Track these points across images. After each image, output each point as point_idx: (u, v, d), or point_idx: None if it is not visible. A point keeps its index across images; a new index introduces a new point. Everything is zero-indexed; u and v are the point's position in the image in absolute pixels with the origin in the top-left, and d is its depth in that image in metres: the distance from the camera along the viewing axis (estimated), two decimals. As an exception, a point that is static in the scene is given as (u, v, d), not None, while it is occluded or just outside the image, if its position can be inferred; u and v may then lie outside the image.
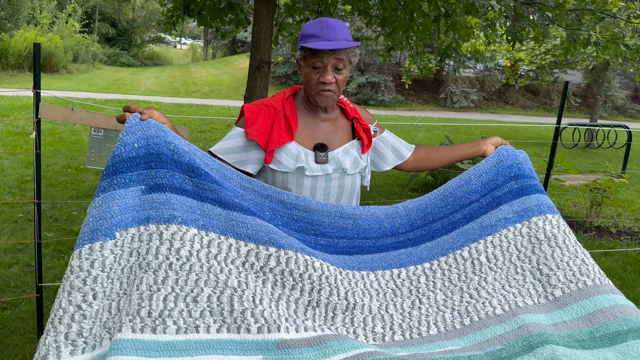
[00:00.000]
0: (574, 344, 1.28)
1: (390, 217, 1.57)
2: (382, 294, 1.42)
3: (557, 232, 1.54)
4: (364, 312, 1.35)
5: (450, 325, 1.37)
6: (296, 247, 1.35)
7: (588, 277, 1.45)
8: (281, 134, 1.55)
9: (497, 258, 1.52)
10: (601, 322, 1.33)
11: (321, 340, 1.21)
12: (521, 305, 1.41)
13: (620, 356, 1.24)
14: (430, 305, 1.42)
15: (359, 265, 1.47)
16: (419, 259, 1.53)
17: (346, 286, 1.37)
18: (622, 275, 4.06)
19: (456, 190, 1.63)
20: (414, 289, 1.46)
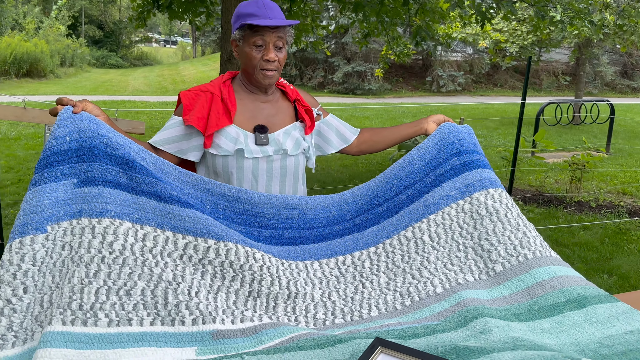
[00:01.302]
0: (511, 317, 1.29)
1: (338, 205, 1.58)
2: (325, 282, 1.43)
3: (498, 206, 1.55)
4: (305, 301, 1.37)
5: (392, 306, 1.39)
6: (237, 239, 1.35)
7: (529, 250, 1.47)
8: (219, 118, 1.56)
9: (439, 236, 1.53)
10: (540, 295, 1.35)
11: (257, 330, 1.23)
12: (462, 283, 1.42)
13: (556, 326, 1.27)
14: (373, 289, 1.43)
15: (303, 255, 1.48)
16: (365, 243, 1.54)
17: (288, 276, 1.38)
18: (599, 248, 4.09)
19: (400, 172, 1.64)
20: (358, 274, 1.47)
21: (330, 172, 6.52)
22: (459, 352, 1.01)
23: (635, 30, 8.07)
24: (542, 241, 1.53)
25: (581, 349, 1.17)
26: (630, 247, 4.12)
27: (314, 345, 1.12)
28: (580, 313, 1.30)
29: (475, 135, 1.72)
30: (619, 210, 5.10)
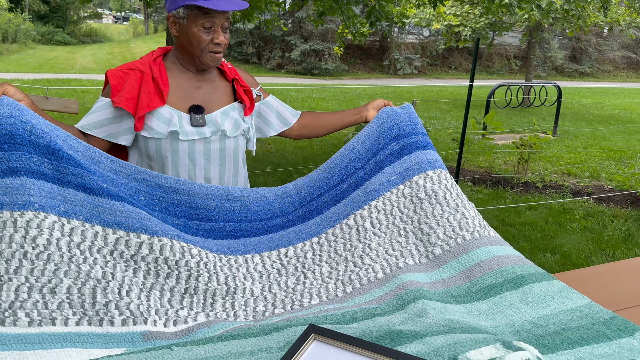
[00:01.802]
0: (450, 300, 1.30)
1: (281, 198, 1.55)
2: (265, 275, 1.40)
3: (437, 188, 1.55)
4: (245, 295, 1.33)
5: (333, 294, 1.37)
6: (172, 234, 1.29)
7: (467, 231, 1.48)
8: (151, 98, 1.48)
9: (381, 222, 1.52)
10: (477, 277, 1.36)
11: (190, 331, 1.19)
12: (402, 267, 1.42)
13: (493, 307, 1.28)
14: (315, 279, 1.41)
15: (244, 249, 1.44)
16: (308, 234, 1.52)
17: (226, 272, 1.34)
18: (543, 227, 4.23)
19: (341, 160, 1.62)
20: (300, 265, 1.44)
21: (285, 154, 6.47)
22: (392, 337, 0.99)
23: (582, 15, 8.31)
24: (480, 221, 1.55)
25: (516, 330, 1.19)
26: (572, 226, 4.27)
27: (249, 334, 1.09)
28: (517, 293, 1.31)
29: (416, 114, 1.71)
30: (563, 190, 5.28)
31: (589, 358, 1.09)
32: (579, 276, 1.54)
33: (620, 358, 1.10)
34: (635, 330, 1.20)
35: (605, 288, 1.46)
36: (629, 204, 4.95)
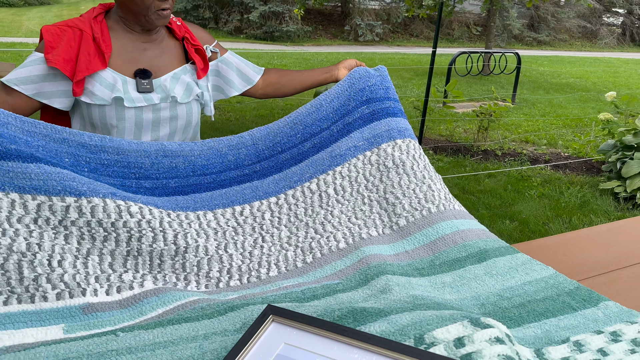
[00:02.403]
0: (414, 272, 1.26)
1: (235, 149, 1.43)
2: (220, 232, 1.29)
3: (405, 158, 1.50)
4: (198, 254, 1.22)
5: (292, 264, 1.30)
6: (104, 193, 1.16)
7: (432, 204, 1.44)
8: (90, 60, 1.34)
9: (345, 189, 1.45)
10: (442, 250, 1.32)
11: (137, 300, 1.09)
12: (365, 238, 1.36)
13: (457, 279, 1.24)
14: (274, 244, 1.33)
15: (195, 205, 1.32)
16: (265, 193, 1.42)
17: (176, 228, 1.22)
18: (502, 195, 4.28)
19: (306, 118, 1.52)
20: (258, 226, 1.35)
21: (245, 122, 6.31)
22: (356, 316, 0.94)
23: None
24: (447, 194, 1.51)
25: (481, 303, 1.15)
26: (530, 193, 4.34)
27: (202, 316, 1.01)
28: (481, 267, 1.28)
29: (389, 77, 1.63)
30: (521, 158, 5.35)
31: (555, 330, 1.07)
32: (541, 245, 1.52)
33: (586, 329, 1.08)
34: (600, 301, 1.18)
35: (568, 257, 1.45)
36: (584, 170, 5.07)
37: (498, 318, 1.10)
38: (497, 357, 0.79)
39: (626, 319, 1.12)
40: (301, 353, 0.84)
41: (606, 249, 1.50)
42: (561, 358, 0.98)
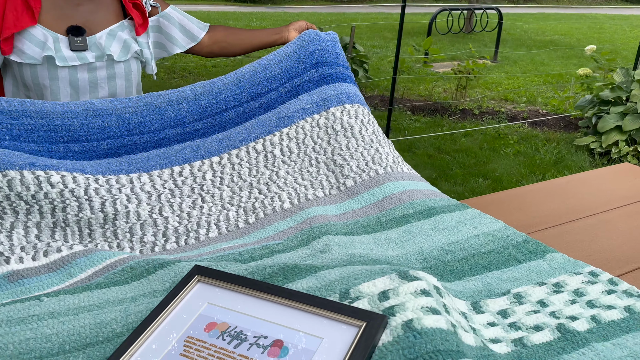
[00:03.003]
0: (359, 230, 1.23)
1: (175, 105, 1.36)
2: (155, 196, 1.23)
3: (353, 122, 1.47)
4: (129, 220, 1.17)
5: (234, 224, 1.26)
6: (20, 165, 1.09)
7: (380, 166, 1.42)
8: (18, 17, 1.26)
9: (291, 151, 1.41)
10: (389, 208, 1.31)
11: (65, 262, 1.05)
12: (311, 198, 1.33)
13: (402, 235, 1.22)
14: (214, 204, 1.27)
15: (128, 168, 1.26)
16: (207, 152, 1.36)
17: (103, 195, 1.16)
18: (478, 154, 4.26)
19: (254, 77, 1.47)
20: (197, 187, 1.29)
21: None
22: (286, 274, 0.91)
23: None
24: (395, 158, 1.49)
25: (424, 257, 1.14)
26: (506, 151, 4.33)
27: (131, 277, 0.98)
28: (428, 222, 1.26)
29: (340, 44, 1.59)
30: (499, 116, 5.32)
31: (496, 282, 1.06)
32: (495, 200, 1.50)
33: (529, 281, 1.07)
34: (547, 252, 1.17)
35: (521, 211, 1.43)
36: (562, 127, 5.06)
37: (440, 272, 1.08)
38: (421, 310, 0.77)
39: (571, 270, 1.11)
40: (224, 312, 0.81)
41: (562, 201, 1.49)
42: (499, 310, 0.97)
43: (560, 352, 0.86)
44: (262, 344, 0.75)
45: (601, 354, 0.85)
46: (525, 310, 0.97)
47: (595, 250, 1.23)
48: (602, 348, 0.86)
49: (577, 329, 0.90)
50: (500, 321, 0.93)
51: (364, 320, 0.75)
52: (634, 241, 1.27)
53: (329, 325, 0.76)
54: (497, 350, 0.85)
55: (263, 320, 0.79)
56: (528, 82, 6.96)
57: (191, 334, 0.78)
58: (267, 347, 0.74)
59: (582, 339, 0.88)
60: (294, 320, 0.78)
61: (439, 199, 1.36)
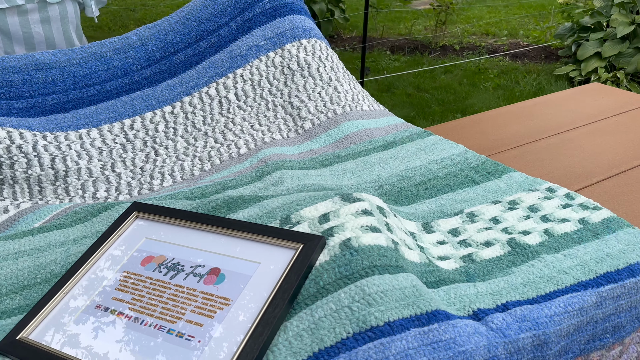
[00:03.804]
0: (315, 164, 1.20)
1: (121, 52, 1.30)
2: (106, 152, 1.19)
3: (310, 59, 1.41)
4: (81, 177, 1.13)
5: (189, 173, 1.21)
6: None
7: (338, 105, 1.37)
8: None
9: (247, 94, 1.35)
10: (348, 146, 1.28)
11: (12, 222, 1.02)
12: (268, 142, 1.29)
13: (360, 165, 1.20)
14: (169, 156, 1.23)
15: (77, 123, 1.21)
16: (159, 102, 1.30)
17: (53, 152, 1.12)
18: (457, 89, 4.20)
19: (201, 12, 1.40)
20: (150, 140, 1.24)
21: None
22: (230, 205, 0.89)
23: None
24: (355, 95, 1.44)
25: (380, 184, 1.11)
26: (485, 86, 4.27)
27: (75, 221, 0.95)
28: (387, 152, 1.24)
29: None
30: (480, 51, 5.22)
31: (450, 204, 1.04)
32: (458, 125, 1.47)
33: (483, 200, 1.05)
34: (505, 172, 1.15)
35: (484, 134, 1.40)
36: (542, 58, 4.98)
37: (394, 197, 1.06)
38: (360, 229, 0.75)
39: (528, 187, 1.09)
40: (161, 245, 0.79)
41: (525, 123, 1.46)
42: (449, 229, 0.95)
43: (509, 265, 0.85)
44: (198, 273, 0.73)
45: (550, 265, 0.84)
46: (477, 228, 0.95)
47: (556, 168, 1.21)
48: (552, 259, 0.85)
49: (528, 242, 0.89)
50: (450, 239, 0.92)
51: (301, 243, 0.73)
52: (595, 157, 1.25)
53: (266, 250, 0.74)
54: (445, 266, 0.84)
55: (201, 251, 0.77)
56: (510, 15, 6.81)
57: (128, 269, 0.76)
58: (203, 275, 0.73)
59: (533, 252, 0.87)
60: (231, 248, 0.76)
61: (399, 132, 1.32)
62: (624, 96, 1.60)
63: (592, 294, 0.80)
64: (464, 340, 0.67)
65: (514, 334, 0.71)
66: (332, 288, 0.68)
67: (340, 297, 0.67)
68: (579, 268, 0.84)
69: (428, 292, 0.71)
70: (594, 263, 0.85)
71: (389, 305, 0.66)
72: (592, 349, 0.84)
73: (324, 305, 0.67)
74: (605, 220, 0.96)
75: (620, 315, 0.85)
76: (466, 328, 0.68)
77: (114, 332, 0.67)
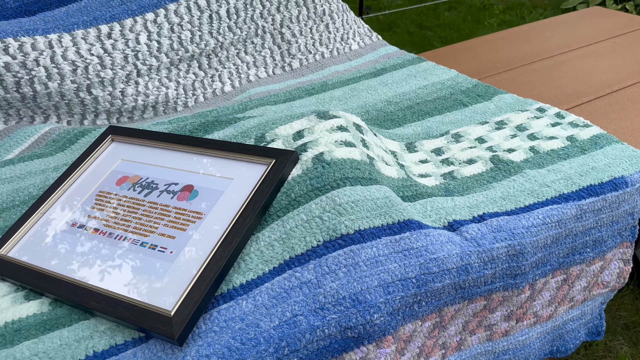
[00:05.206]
0: (302, 94, 1.18)
1: None
2: (82, 68, 1.05)
3: None
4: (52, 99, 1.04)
5: (172, 107, 1.13)
6: None
7: (327, 48, 1.34)
8: None
9: (238, 14, 1.29)
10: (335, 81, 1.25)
11: (7, 133, 1.01)
12: (253, 80, 1.25)
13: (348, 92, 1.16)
14: (151, 78, 1.15)
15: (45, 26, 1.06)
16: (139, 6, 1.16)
17: (17, 72, 1.00)
18: (460, 26, 4.08)
19: None
20: (132, 54, 1.11)
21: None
22: (207, 128, 0.88)
23: None
24: (345, 34, 1.40)
25: (366, 110, 1.09)
26: (490, 22, 4.14)
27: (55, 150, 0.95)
28: (376, 80, 1.21)
29: None
30: (485, -14, 5.03)
31: (437, 126, 1.02)
32: (451, 50, 1.43)
33: (471, 121, 1.03)
34: (495, 94, 1.12)
35: (476, 58, 1.36)
36: (550, -7, 4.80)
37: (380, 121, 1.05)
38: (334, 143, 0.74)
39: (518, 108, 1.07)
40: (136, 166, 0.79)
41: (519, 47, 1.41)
42: (433, 149, 0.94)
43: (490, 181, 0.84)
44: (172, 190, 0.73)
45: (532, 179, 0.83)
46: (461, 147, 0.94)
47: (547, 89, 1.18)
48: (535, 174, 0.84)
49: (512, 159, 0.88)
50: (433, 158, 0.91)
51: (273, 158, 0.72)
52: (588, 77, 1.22)
53: (239, 166, 0.74)
54: (425, 183, 0.83)
55: (175, 170, 0.76)
56: (518, -51, 6.51)
57: (103, 189, 0.76)
58: (177, 192, 0.72)
59: (516, 167, 0.86)
60: (205, 166, 0.75)
61: (390, 60, 1.29)
62: (625, 18, 1.54)
63: (572, 206, 0.79)
64: (436, 248, 0.67)
65: (489, 243, 0.71)
66: (303, 200, 0.68)
67: (312, 208, 0.67)
68: (562, 182, 0.82)
69: (401, 204, 0.70)
70: (578, 176, 0.83)
71: (359, 215, 0.66)
72: (571, 263, 0.84)
73: (295, 217, 0.67)
74: (594, 137, 0.94)
75: (602, 230, 0.84)
76: (439, 237, 0.68)
77: (89, 248, 0.67)
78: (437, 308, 0.70)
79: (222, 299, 0.61)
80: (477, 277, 0.70)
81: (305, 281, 0.61)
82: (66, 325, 0.60)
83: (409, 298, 0.65)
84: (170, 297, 0.59)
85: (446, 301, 0.70)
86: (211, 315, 0.59)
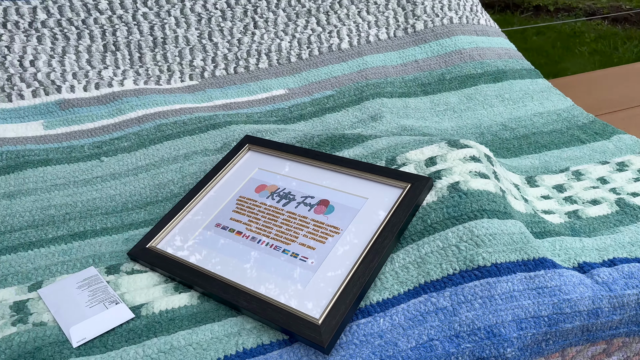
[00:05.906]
0: (416, 89, 1.19)
1: None
2: (205, 19, 1.21)
3: None
4: (179, 45, 1.18)
5: (285, 57, 1.22)
6: None
7: (456, 14, 1.31)
8: None
9: None
10: (455, 64, 1.23)
11: (115, 97, 1.09)
12: (372, 41, 1.25)
13: (464, 100, 1.17)
14: (267, 31, 1.23)
15: None
16: None
17: (152, 19, 1.18)
18: (550, 52, 3.98)
19: None
20: (251, 9, 1.24)
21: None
22: (334, 143, 0.91)
23: None
24: (474, 5, 1.37)
25: (481, 132, 1.10)
26: (581, 50, 4.01)
27: (183, 132, 1.01)
28: (495, 87, 1.20)
29: None
30: (576, 12, 4.88)
31: (555, 161, 1.02)
32: (565, 83, 1.41)
33: (591, 160, 1.02)
34: (614, 133, 1.10)
35: (590, 94, 1.34)
36: (647, 24, 4.59)
37: (495, 148, 1.05)
38: (468, 173, 0.76)
39: (639, 150, 1.04)
40: (273, 176, 0.84)
41: (635, 85, 1.38)
42: (554, 185, 0.94)
43: (616, 224, 0.83)
44: (309, 203, 0.77)
45: (661, 228, 0.81)
46: (584, 186, 0.93)
47: (669, 133, 1.15)
48: (663, 222, 0.82)
49: (638, 204, 0.86)
50: (555, 195, 0.91)
51: (408, 182, 0.74)
52: None
53: (374, 187, 0.77)
54: (550, 220, 0.83)
55: (310, 183, 0.80)
56: (613, -25, 6.28)
57: (243, 195, 0.81)
58: (313, 205, 0.76)
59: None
60: (340, 183, 0.79)
61: (511, 60, 1.27)
62: None
63: None
64: (569, 289, 0.67)
65: (620, 289, 0.70)
66: (439, 227, 0.70)
67: (448, 235, 0.68)
68: (693, 234, 0.80)
69: (535, 241, 0.71)
70: None
71: (496, 248, 0.67)
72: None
73: (430, 242, 0.69)
74: None
75: None
76: (572, 278, 0.68)
77: (233, 247, 0.72)
78: (561, 347, 0.70)
79: (361, 314, 0.64)
80: (605, 322, 0.70)
81: (441, 307, 0.63)
82: (215, 319, 0.65)
83: (540, 336, 0.65)
84: (316, 306, 0.62)
85: (571, 342, 0.70)
86: (351, 327, 0.62)
